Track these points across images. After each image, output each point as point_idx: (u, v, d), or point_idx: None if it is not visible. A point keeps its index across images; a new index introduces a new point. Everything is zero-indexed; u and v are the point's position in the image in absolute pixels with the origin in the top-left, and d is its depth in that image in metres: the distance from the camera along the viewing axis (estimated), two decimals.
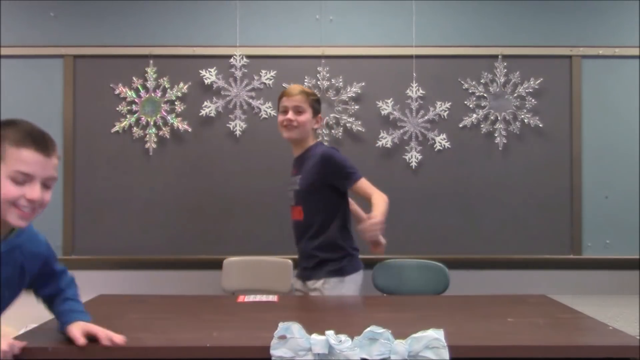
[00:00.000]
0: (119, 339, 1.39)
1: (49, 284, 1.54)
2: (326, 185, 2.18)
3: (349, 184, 2.16)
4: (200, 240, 2.97)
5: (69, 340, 1.40)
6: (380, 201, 2.05)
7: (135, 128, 3.00)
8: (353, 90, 3.00)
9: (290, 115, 2.17)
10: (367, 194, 2.12)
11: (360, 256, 2.94)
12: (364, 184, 2.15)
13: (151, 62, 3.01)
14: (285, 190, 2.34)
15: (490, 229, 3.02)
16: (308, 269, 2.22)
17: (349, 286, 2.19)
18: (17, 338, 1.44)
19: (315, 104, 2.26)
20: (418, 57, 3.02)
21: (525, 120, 3.01)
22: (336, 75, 3.01)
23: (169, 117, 3.00)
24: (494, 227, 3.02)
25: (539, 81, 3.02)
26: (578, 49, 3.03)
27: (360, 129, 3.00)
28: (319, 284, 2.17)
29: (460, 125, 3.02)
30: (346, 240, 2.23)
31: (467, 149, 3.03)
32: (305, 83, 3.00)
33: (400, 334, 1.35)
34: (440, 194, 3.02)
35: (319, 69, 3.01)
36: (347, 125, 3.00)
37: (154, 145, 3.00)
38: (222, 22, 3.03)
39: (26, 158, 1.27)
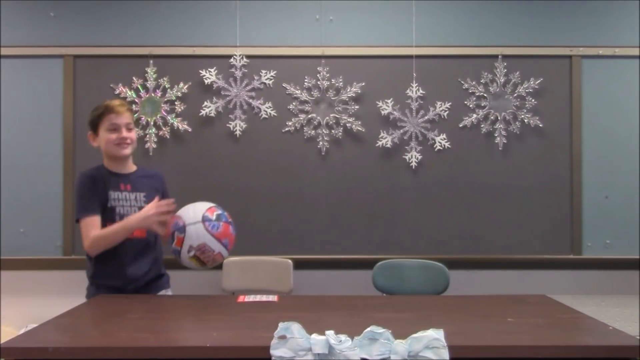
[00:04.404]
0: None
1: None
2: None
3: None
4: None
5: (69, 341, 1.40)
6: None
7: (135, 128, 3.00)
8: (353, 90, 3.00)
9: (125, 133, 2.15)
10: None
11: (362, 256, 2.97)
12: None
13: (151, 62, 3.01)
14: (115, 207, 2.13)
15: (490, 229, 3.02)
16: (147, 285, 2.17)
17: None
18: (17, 338, 1.45)
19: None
20: (418, 57, 3.03)
21: (525, 120, 3.01)
22: (336, 75, 3.01)
23: (169, 117, 3.00)
24: (494, 227, 3.02)
25: (539, 81, 3.02)
26: (578, 49, 3.03)
27: (360, 129, 3.01)
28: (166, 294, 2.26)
29: (460, 125, 3.02)
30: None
31: (467, 149, 3.03)
32: (305, 83, 3.00)
33: (400, 334, 1.35)
34: (440, 194, 3.02)
35: (319, 69, 3.01)
36: (347, 125, 3.01)
37: (154, 145, 3.00)
38: (222, 22, 3.03)
39: None
